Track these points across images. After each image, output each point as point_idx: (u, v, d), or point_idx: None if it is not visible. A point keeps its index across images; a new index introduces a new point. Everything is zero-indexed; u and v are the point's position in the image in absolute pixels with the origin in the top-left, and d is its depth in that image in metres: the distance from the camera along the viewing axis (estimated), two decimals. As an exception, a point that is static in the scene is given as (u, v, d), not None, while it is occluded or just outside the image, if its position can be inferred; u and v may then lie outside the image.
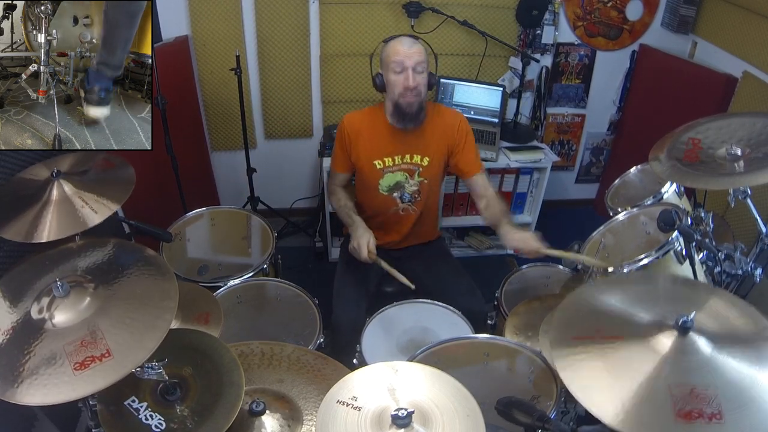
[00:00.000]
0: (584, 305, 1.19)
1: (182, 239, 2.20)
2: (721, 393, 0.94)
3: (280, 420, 1.26)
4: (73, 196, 1.42)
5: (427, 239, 2.23)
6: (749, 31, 2.57)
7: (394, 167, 2.02)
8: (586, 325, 1.13)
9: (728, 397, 0.94)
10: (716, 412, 0.92)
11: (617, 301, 1.17)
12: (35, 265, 1.26)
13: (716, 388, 0.95)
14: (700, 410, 0.92)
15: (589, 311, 1.17)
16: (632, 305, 1.15)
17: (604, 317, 1.14)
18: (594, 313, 1.16)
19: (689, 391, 0.95)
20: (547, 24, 3.00)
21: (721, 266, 1.44)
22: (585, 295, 1.23)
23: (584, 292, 1.25)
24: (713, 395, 0.94)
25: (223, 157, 3.20)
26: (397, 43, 1.87)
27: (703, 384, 0.96)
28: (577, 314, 1.18)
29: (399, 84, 1.86)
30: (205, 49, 2.82)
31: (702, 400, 0.94)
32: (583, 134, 3.46)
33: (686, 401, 0.94)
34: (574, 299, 1.22)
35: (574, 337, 1.10)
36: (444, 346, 1.58)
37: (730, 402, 0.93)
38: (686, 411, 0.93)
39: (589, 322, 1.14)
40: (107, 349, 1.06)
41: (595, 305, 1.18)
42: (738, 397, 0.94)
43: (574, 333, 1.11)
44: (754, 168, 1.41)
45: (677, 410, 0.93)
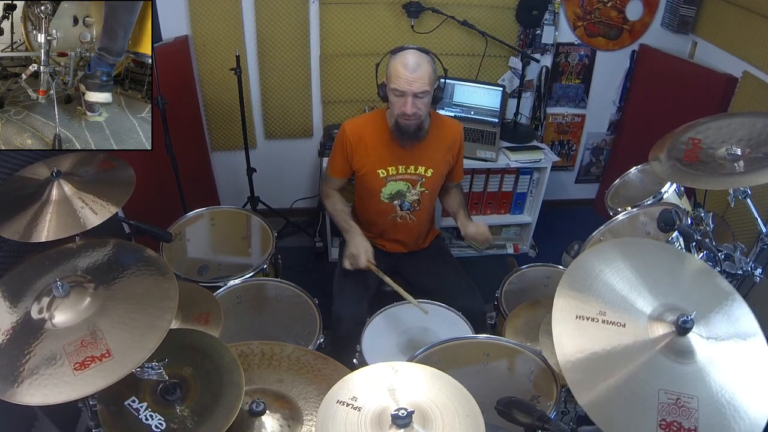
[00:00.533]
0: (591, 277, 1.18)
1: (182, 239, 2.20)
2: (702, 409, 0.98)
3: (280, 420, 1.26)
4: (72, 197, 1.42)
5: (424, 246, 2.23)
6: (749, 31, 2.57)
7: (398, 176, 2.02)
8: (590, 305, 1.13)
9: (707, 412, 0.98)
10: (692, 427, 0.96)
11: (623, 279, 1.17)
12: (35, 265, 1.26)
13: (699, 402, 0.99)
14: (680, 424, 0.97)
15: (595, 287, 1.16)
16: (637, 287, 1.15)
17: (609, 297, 1.14)
18: (599, 290, 1.16)
19: (675, 400, 0.99)
20: (547, 24, 3.00)
21: (721, 266, 1.44)
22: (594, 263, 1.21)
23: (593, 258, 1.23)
24: (695, 409, 0.98)
25: (223, 157, 3.20)
26: (400, 64, 1.78)
27: (689, 394, 1.00)
28: (582, 285, 1.17)
29: (398, 107, 1.83)
30: (205, 49, 2.82)
31: (684, 412, 0.98)
32: (583, 134, 3.46)
33: (670, 411, 0.98)
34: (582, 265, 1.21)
35: (578, 315, 1.11)
36: (444, 346, 1.58)
37: (708, 417, 0.98)
38: (668, 422, 0.97)
39: (593, 300, 1.14)
40: (107, 349, 1.07)
41: (602, 280, 1.17)
42: (715, 415, 0.98)
43: (578, 311, 1.11)
44: (754, 168, 1.41)
45: (660, 420, 0.97)
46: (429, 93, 1.82)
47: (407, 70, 1.76)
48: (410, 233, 2.15)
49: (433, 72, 1.81)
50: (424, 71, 1.78)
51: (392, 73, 1.81)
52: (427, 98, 1.83)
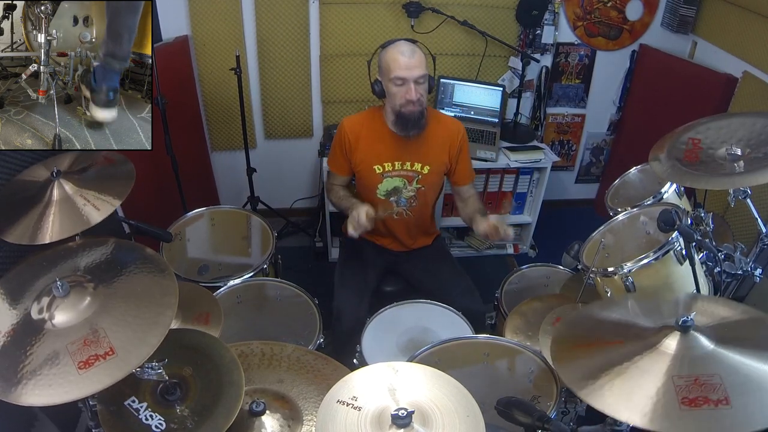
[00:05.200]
0: (584, 321, 1.20)
1: (182, 239, 2.20)
2: (726, 381, 0.96)
3: (280, 420, 1.26)
4: (74, 195, 1.42)
5: (424, 243, 2.23)
6: (749, 31, 2.57)
7: (394, 172, 2.02)
8: (586, 336, 1.14)
9: (734, 384, 0.95)
10: (722, 398, 0.93)
11: (618, 314, 1.18)
12: (35, 265, 1.26)
13: (721, 377, 0.96)
14: (706, 397, 0.94)
15: (589, 326, 1.18)
16: (633, 318, 1.16)
17: (604, 328, 1.15)
18: (594, 326, 1.18)
19: (693, 380, 0.97)
20: (547, 24, 3.00)
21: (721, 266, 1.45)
22: (584, 314, 1.25)
23: (583, 312, 1.27)
24: (718, 383, 0.96)
25: (223, 157, 3.20)
26: (396, 53, 1.82)
27: (707, 374, 0.98)
28: (576, 328, 1.19)
29: (401, 96, 1.84)
30: (205, 49, 2.82)
31: (707, 387, 0.95)
32: (583, 134, 3.46)
33: (690, 390, 0.96)
34: (574, 317, 1.25)
35: (575, 345, 1.11)
36: (444, 346, 1.59)
37: (737, 388, 0.95)
38: (691, 398, 0.95)
39: (589, 334, 1.15)
40: (111, 347, 1.07)
41: (595, 319, 1.19)
42: (744, 383, 0.96)
43: (575, 343, 1.12)
44: (754, 168, 1.41)
45: (681, 398, 0.95)
46: (426, 79, 1.85)
47: (405, 57, 1.80)
48: (407, 230, 2.14)
49: (425, 58, 1.86)
50: (420, 57, 1.83)
51: (390, 63, 1.83)
52: (425, 84, 1.86)
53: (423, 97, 1.86)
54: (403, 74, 1.80)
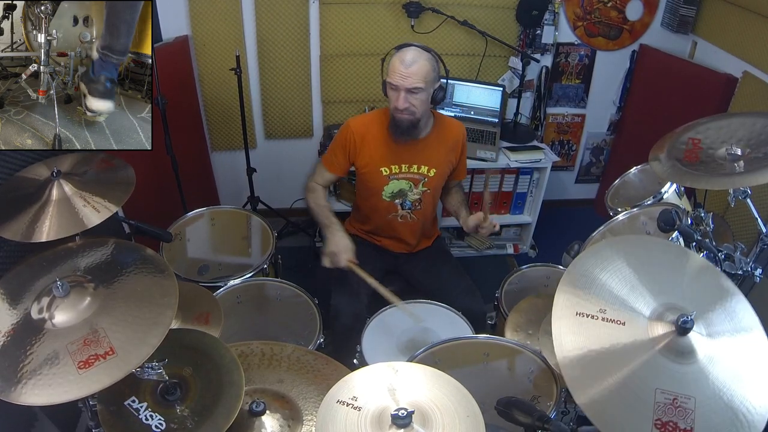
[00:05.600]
0: (592, 275, 1.18)
1: (182, 239, 2.20)
2: (699, 409, 0.98)
3: (280, 420, 1.26)
4: (73, 196, 1.42)
5: (425, 245, 2.23)
6: (749, 31, 2.57)
7: (400, 175, 2.02)
8: (590, 302, 1.13)
9: (704, 414, 0.98)
10: (688, 429, 0.96)
11: (624, 277, 1.16)
12: (35, 265, 1.26)
13: (696, 402, 0.99)
14: (676, 424, 0.97)
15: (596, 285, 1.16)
16: (638, 286, 1.15)
17: (609, 295, 1.14)
18: (600, 288, 1.16)
19: (672, 400, 0.99)
20: (547, 24, 3.00)
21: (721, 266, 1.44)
22: (595, 261, 1.21)
23: (595, 256, 1.22)
24: (691, 409, 0.98)
25: (223, 157, 3.20)
26: (397, 59, 1.82)
27: (687, 394, 0.99)
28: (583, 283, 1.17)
29: (392, 101, 1.86)
30: (205, 49, 2.82)
31: (680, 413, 0.98)
32: (583, 134, 3.46)
33: (666, 411, 0.98)
34: (584, 263, 1.21)
35: (577, 312, 1.11)
36: (444, 346, 1.58)
37: (704, 420, 0.97)
38: (663, 422, 0.97)
39: (593, 297, 1.14)
40: (111, 347, 1.07)
41: (603, 278, 1.17)
42: (712, 417, 0.98)
43: (578, 308, 1.11)
44: (754, 168, 1.41)
45: (655, 419, 0.97)
46: (423, 90, 1.83)
47: (402, 65, 1.79)
48: (411, 232, 2.15)
49: (431, 70, 1.82)
50: (419, 68, 1.79)
51: (390, 68, 1.84)
52: (420, 95, 1.83)
53: (415, 107, 1.84)
54: (395, 81, 1.81)
